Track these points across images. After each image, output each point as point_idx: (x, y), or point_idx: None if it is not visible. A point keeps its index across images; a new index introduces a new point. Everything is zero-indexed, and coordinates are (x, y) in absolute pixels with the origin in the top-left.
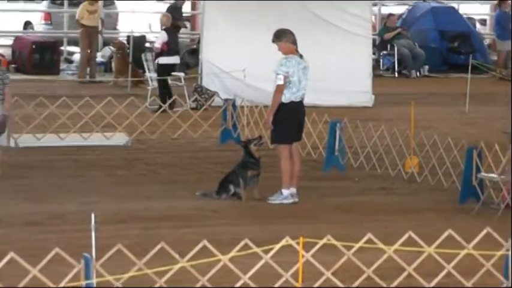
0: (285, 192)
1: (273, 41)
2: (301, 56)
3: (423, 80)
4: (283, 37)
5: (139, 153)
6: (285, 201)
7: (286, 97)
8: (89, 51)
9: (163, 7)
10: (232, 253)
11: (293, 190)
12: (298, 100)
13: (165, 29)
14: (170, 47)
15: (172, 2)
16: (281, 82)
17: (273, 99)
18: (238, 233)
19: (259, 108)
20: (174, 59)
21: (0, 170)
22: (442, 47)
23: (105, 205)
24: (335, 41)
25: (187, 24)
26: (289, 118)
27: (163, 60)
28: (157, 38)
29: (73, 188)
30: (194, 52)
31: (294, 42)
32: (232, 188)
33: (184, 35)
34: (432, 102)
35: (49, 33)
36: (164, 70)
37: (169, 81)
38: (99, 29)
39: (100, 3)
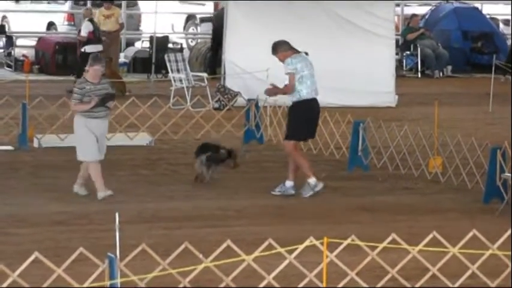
0: (311, 181)
1: (273, 54)
2: (306, 54)
3: (446, 80)
4: (279, 48)
5: (163, 153)
6: (314, 190)
7: (303, 93)
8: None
9: (186, 8)
10: (256, 253)
11: (290, 183)
12: (312, 97)
13: (89, 20)
14: (95, 36)
15: (194, 2)
16: (292, 82)
17: (286, 88)
18: (261, 233)
19: (282, 108)
20: (98, 47)
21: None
22: (465, 47)
23: (129, 205)
24: (358, 42)
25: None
26: (303, 116)
27: (90, 48)
28: (83, 28)
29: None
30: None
31: (291, 48)
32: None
33: (206, 36)
34: (455, 103)
35: (72, 34)
36: None
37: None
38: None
39: (118, 7)
